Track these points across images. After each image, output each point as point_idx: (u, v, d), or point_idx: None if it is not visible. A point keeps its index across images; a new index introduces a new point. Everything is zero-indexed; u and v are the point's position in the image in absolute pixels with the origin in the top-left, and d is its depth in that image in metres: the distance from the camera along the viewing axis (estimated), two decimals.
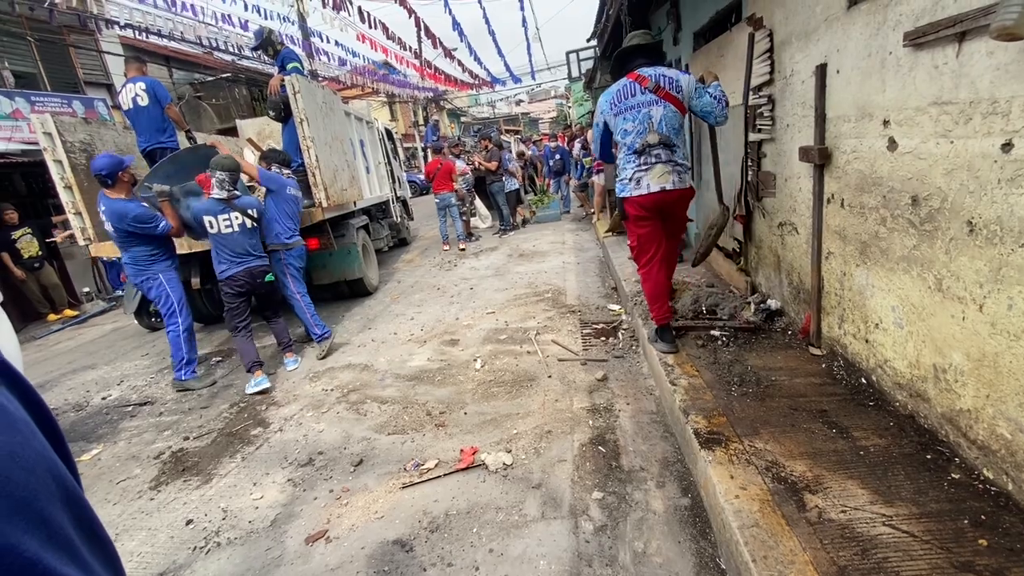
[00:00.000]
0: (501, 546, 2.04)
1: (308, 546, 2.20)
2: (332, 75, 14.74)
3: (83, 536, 0.39)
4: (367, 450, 2.89)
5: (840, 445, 2.08)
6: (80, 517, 0.40)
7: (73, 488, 0.40)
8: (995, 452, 1.76)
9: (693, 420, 2.38)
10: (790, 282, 3.28)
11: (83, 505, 0.40)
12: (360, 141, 7.42)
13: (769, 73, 3.22)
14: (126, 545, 2.37)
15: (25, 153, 7.67)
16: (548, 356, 3.80)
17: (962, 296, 1.85)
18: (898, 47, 2.05)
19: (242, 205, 3.97)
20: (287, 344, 4.36)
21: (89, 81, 10.04)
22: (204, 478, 2.84)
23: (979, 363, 1.80)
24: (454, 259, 8.11)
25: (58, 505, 0.37)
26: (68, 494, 0.39)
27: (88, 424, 3.83)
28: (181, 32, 10.18)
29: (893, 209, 2.18)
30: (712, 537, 1.97)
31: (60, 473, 0.39)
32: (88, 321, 7.79)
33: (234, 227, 3.91)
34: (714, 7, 4.19)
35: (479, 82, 18.75)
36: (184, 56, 12.67)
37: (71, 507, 0.39)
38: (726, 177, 4.06)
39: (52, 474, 0.38)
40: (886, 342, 2.32)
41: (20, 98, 8.38)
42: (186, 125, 5.14)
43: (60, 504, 0.37)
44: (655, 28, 6.62)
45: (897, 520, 1.67)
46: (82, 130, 5.05)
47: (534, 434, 2.80)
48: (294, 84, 4.90)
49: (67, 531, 0.37)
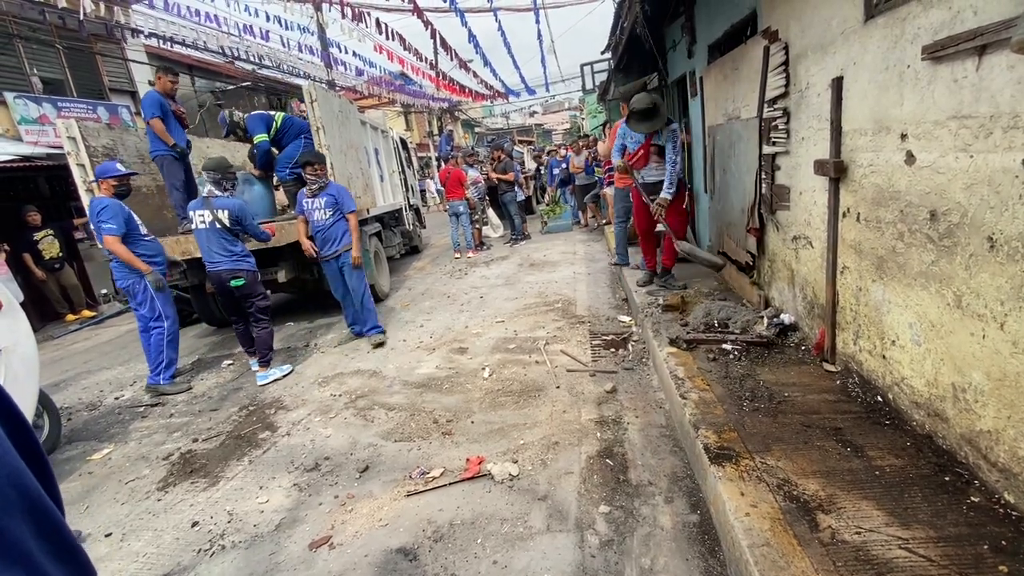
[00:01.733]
0: (505, 558, 2.01)
1: (312, 552, 2.19)
2: (349, 85, 14.97)
3: (47, 547, 0.38)
4: (373, 457, 2.88)
5: (855, 464, 2.02)
6: (44, 527, 0.39)
7: (38, 498, 0.39)
8: (1017, 475, 1.70)
9: (703, 435, 2.34)
10: (804, 296, 3.23)
11: (49, 514, 0.40)
12: (375, 150, 7.51)
13: (784, 86, 3.20)
14: (132, 545, 2.38)
15: (50, 157, 7.88)
16: (557, 366, 3.78)
17: (982, 313, 1.81)
18: (916, 60, 2.03)
19: (216, 205, 4.05)
20: (263, 358, 4.25)
21: (114, 88, 10.32)
22: (211, 480, 2.85)
23: (1000, 383, 1.75)
24: (465, 267, 8.13)
25: (17, 516, 0.36)
26: (32, 504, 0.38)
27: (100, 424, 3.88)
28: (204, 42, 10.43)
29: (911, 224, 2.14)
30: (721, 555, 1.92)
31: (23, 483, 0.38)
32: (105, 322, 7.92)
33: (205, 223, 4.03)
34: (729, 20, 4.20)
35: (494, 93, 18.93)
36: (206, 65, 12.98)
37: (34, 516, 0.38)
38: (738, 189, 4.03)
39: (12, 483, 0.37)
40: (903, 359, 2.27)
41: (47, 103, 8.65)
42: (170, 140, 5.12)
43: (20, 514, 0.36)
44: (669, 41, 6.64)
45: (914, 543, 1.62)
46: (105, 135, 5.19)
47: (541, 445, 2.77)
48: (311, 93, 4.98)
49: (24, 543, 0.36)
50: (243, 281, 4.15)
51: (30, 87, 8.65)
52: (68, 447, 3.54)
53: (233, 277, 4.11)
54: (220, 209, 4.04)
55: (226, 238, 4.09)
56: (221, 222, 4.03)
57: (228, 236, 4.09)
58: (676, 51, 6.35)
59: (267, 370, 4.23)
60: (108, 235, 3.95)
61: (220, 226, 4.04)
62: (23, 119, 8.28)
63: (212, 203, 4.04)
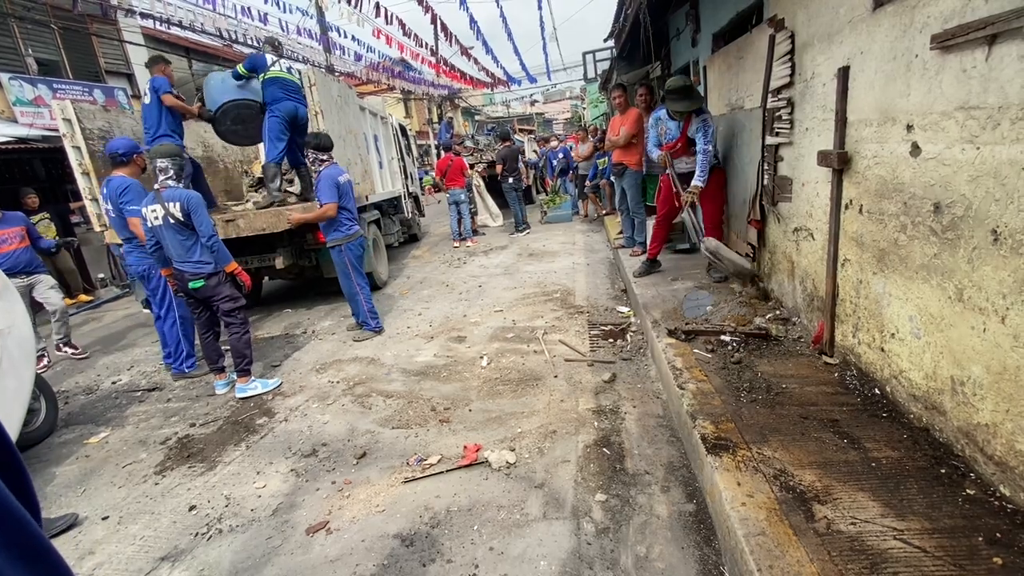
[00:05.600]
0: (501, 544, 2.02)
1: (309, 537, 2.19)
2: (348, 70, 14.80)
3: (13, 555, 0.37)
4: (371, 443, 2.88)
5: (851, 456, 2.03)
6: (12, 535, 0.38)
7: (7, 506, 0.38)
8: (1013, 468, 1.71)
9: (700, 425, 2.34)
10: (804, 289, 3.22)
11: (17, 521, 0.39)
12: (374, 136, 7.44)
13: (789, 76, 3.16)
14: (129, 529, 2.38)
15: (45, 139, 7.79)
16: (555, 356, 3.77)
17: (984, 307, 1.80)
18: (925, 50, 1.99)
19: (167, 198, 3.51)
20: (240, 367, 3.75)
21: (110, 70, 10.18)
22: (209, 465, 2.86)
23: (999, 376, 1.75)
24: (464, 256, 8.11)
25: None
26: None
27: (97, 408, 3.87)
28: (201, 23, 10.28)
29: (914, 216, 2.12)
30: (716, 544, 1.93)
31: None
32: (102, 307, 7.90)
33: (159, 218, 3.52)
34: (735, 8, 4.14)
35: (495, 81, 18.74)
36: (203, 48, 12.81)
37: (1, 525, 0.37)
38: None
39: None
40: (902, 352, 2.26)
41: (43, 85, 8.53)
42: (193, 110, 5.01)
43: None
44: (673, 29, 6.57)
45: (909, 535, 1.62)
46: (101, 117, 5.12)
47: (538, 433, 2.78)
48: (310, 77, 4.92)
49: None
50: (202, 283, 3.61)
51: (25, 68, 8.53)
52: (65, 431, 3.53)
53: (193, 278, 3.61)
54: (171, 202, 3.49)
55: (181, 234, 3.54)
56: (174, 216, 3.49)
57: (183, 232, 3.54)
58: (680, 40, 6.28)
59: (247, 381, 3.73)
60: (134, 217, 3.84)
61: (173, 221, 3.50)
62: (18, 100, 8.17)
63: (163, 195, 3.52)
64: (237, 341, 3.74)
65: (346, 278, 4.56)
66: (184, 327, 4.18)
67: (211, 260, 3.63)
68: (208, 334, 3.85)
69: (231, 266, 3.71)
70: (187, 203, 3.51)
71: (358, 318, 4.79)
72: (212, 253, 3.61)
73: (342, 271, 4.55)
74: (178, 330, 4.16)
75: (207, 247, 3.59)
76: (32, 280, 4.97)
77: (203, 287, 3.63)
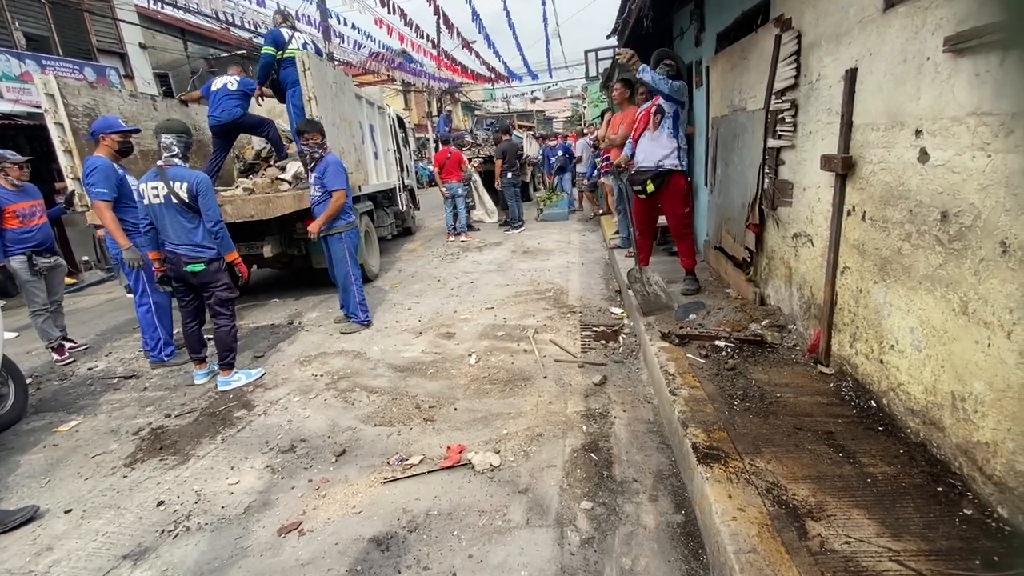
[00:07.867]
0: (481, 552, 1.94)
1: (280, 537, 2.10)
2: (347, 59, 14.60)
3: None
4: (351, 440, 2.79)
5: (846, 470, 1.96)
6: None
7: None
8: (1013, 489, 1.64)
9: (692, 433, 2.26)
10: (801, 296, 3.16)
11: None
12: (370, 126, 7.31)
13: (794, 77, 3.08)
14: (92, 523, 2.27)
15: (31, 116, 7.60)
16: (545, 356, 3.69)
17: (989, 321, 1.73)
18: (937, 52, 1.92)
19: (172, 176, 3.33)
20: (224, 360, 3.62)
21: (103, 49, 9.97)
22: (181, 458, 2.75)
23: (1002, 394, 1.68)
24: (457, 251, 8.00)
25: None
26: None
27: (71, 394, 3.75)
28: (197, 4, 10.07)
29: (920, 224, 2.05)
30: (704, 559, 1.86)
31: None
32: (85, 290, 7.73)
33: (159, 197, 3.34)
34: (740, 7, 4.06)
35: (496, 75, 18.59)
36: (199, 30, 12.58)
37: None
38: None
39: None
40: (901, 365, 2.20)
41: (31, 60, 8.32)
42: None
43: None
44: (677, 28, 6.48)
45: (905, 556, 1.56)
46: (86, 94, 4.97)
47: (524, 436, 2.69)
48: (304, 61, 4.79)
49: None
50: (202, 267, 3.45)
51: (13, 43, 8.31)
52: (35, 417, 3.41)
53: (192, 261, 3.44)
54: (177, 181, 3.31)
55: (184, 216, 3.37)
56: (178, 196, 3.31)
57: (187, 214, 3.37)
58: (683, 39, 6.20)
59: (230, 374, 3.61)
60: (98, 200, 3.70)
61: (177, 201, 3.32)
62: (4, 75, 7.97)
63: (167, 173, 3.33)
64: (225, 334, 3.61)
65: (343, 266, 4.46)
66: (159, 313, 4.05)
67: (213, 246, 3.49)
68: (193, 323, 3.69)
69: (232, 255, 3.58)
70: (196, 185, 3.35)
71: (347, 309, 4.68)
72: (216, 240, 3.47)
73: (340, 259, 4.45)
74: (153, 316, 4.02)
75: (212, 232, 3.43)
76: (57, 261, 4.56)
77: (203, 271, 3.47)
